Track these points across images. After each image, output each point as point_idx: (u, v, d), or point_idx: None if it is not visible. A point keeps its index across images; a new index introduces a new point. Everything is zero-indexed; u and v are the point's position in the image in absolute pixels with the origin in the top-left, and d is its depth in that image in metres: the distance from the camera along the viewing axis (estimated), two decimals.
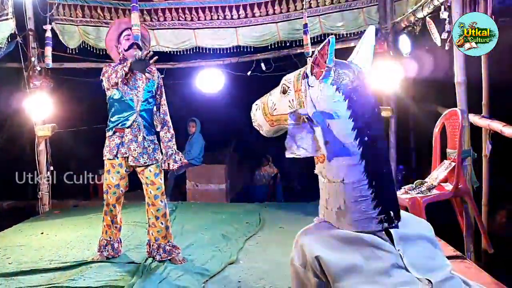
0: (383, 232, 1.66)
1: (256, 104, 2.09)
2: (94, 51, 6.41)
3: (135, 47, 3.82)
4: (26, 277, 3.54)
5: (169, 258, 3.84)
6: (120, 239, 4.05)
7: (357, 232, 1.66)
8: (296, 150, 1.71)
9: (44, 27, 5.89)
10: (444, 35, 3.86)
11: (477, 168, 3.90)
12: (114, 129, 3.79)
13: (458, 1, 3.65)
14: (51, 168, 6.30)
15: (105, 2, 6.38)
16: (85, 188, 7.54)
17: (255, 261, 3.91)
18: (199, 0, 6.37)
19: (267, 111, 1.98)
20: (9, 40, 5.90)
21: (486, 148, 3.88)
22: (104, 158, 3.85)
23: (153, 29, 6.37)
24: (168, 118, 3.97)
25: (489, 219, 3.97)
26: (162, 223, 3.84)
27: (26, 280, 3.49)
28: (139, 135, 3.78)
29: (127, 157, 3.77)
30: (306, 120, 1.71)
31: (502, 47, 3.33)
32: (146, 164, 3.79)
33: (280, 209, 6.02)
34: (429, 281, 1.56)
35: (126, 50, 3.84)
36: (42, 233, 4.97)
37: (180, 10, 6.42)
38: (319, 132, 1.69)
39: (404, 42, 5.27)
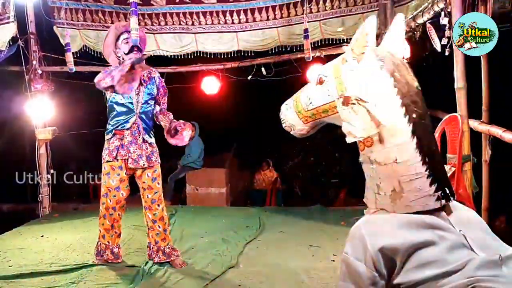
0: (442, 213, 1.62)
1: (286, 104, 2.02)
2: (95, 54, 6.43)
3: (135, 49, 3.82)
4: (26, 280, 3.55)
5: (168, 260, 3.84)
6: (119, 245, 4.02)
7: (415, 212, 1.61)
8: (356, 132, 1.69)
9: (64, 33, 5.90)
10: (444, 41, 3.87)
11: (477, 173, 3.91)
12: (113, 132, 3.79)
13: (458, 7, 3.67)
14: (52, 171, 6.30)
15: (106, 6, 6.40)
16: (85, 190, 7.56)
17: (255, 265, 3.92)
18: (200, 4, 6.39)
19: (301, 108, 1.91)
20: (11, 43, 5.93)
21: (486, 153, 3.89)
22: (103, 161, 3.84)
23: (154, 33, 6.40)
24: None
25: (489, 224, 3.96)
26: (159, 226, 3.85)
27: (27, 283, 3.49)
28: (139, 137, 3.79)
29: (127, 160, 3.78)
30: (354, 102, 1.68)
31: (502, 53, 3.34)
32: (145, 166, 3.79)
33: (280, 213, 6.02)
34: (499, 255, 1.48)
35: (126, 54, 3.82)
36: (42, 236, 4.97)
37: (181, 15, 6.43)
38: (367, 112, 1.67)
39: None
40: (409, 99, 1.63)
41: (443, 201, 1.61)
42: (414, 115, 1.62)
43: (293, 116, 1.95)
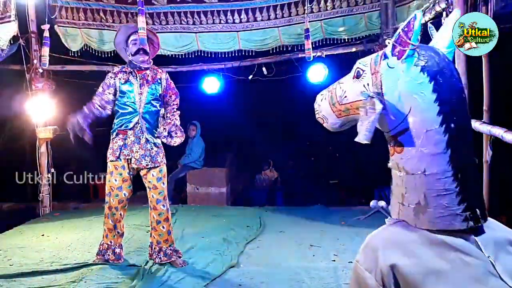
0: (471, 236, 1.48)
1: (322, 94, 1.87)
2: (97, 53, 6.44)
3: (141, 52, 3.86)
4: (27, 279, 3.54)
5: (169, 261, 3.84)
6: (121, 245, 4.02)
7: (438, 230, 1.49)
8: (365, 135, 1.58)
9: (42, 27, 5.92)
10: None
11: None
12: (117, 131, 3.84)
13: (460, 7, 3.67)
14: (52, 170, 6.31)
15: (107, 5, 6.41)
16: (85, 189, 7.55)
17: (256, 264, 3.92)
18: (201, 4, 6.39)
19: (335, 100, 1.77)
20: (12, 42, 5.93)
21: (487, 154, 3.88)
22: (107, 160, 3.88)
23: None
24: (178, 122, 3.95)
25: None
26: (163, 227, 3.85)
27: (27, 281, 3.49)
28: (142, 137, 3.81)
29: (130, 159, 3.80)
30: (379, 102, 1.56)
31: (503, 53, 3.34)
32: (149, 166, 3.81)
33: (280, 213, 6.02)
34: None
35: (133, 55, 3.88)
36: (42, 235, 4.97)
37: (182, 14, 6.44)
38: (391, 116, 1.56)
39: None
40: (449, 107, 1.50)
41: (471, 223, 1.48)
42: (452, 125, 1.49)
43: (327, 108, 1.83)
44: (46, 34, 5.87)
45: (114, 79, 3.87)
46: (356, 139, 1.63)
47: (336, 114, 1.79)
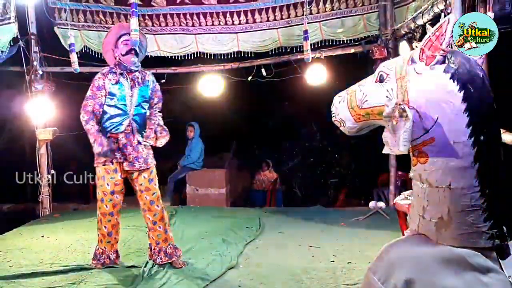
0: (494, 254, 1.41)
1: (340, 96, 1.77)
2: (96, 55, 6.45)
3: (132, 53, 3.76)
4: (27, 280, 3.55)
5: (169, 261, 3.84)
6: (117, 251, 3.97)
7: (461, 247, 1.40)
8: (395, 146, 1.50)
9: (68, 33, 5.92)
10: None
11: None
12: (108, 134, 3.71)
13: (458, 8, 3.69)
14: (52, 171, 6.31)
15: (106, 7, 6.43)
16: (85, 190, 7.56)
17: (255, 265, 3.92)
18: (200, 5, 6.41)
19: (354, 104, 1.67)
20: (11, 44, 5.94)
21: None
22: (95, 164, 3.78)
23: (154, 34, 6.41)
24: (162, 122, 3.91)
25: None
26: (160, 227, 3.84)
27: (27, 283, 3.50)
28: (133, 139, 3.74)
29: (122, 162, 3.73)
30: (405, 111, 1.46)
31: (501, 54, 3.35)
32: (142, 168, 3.75)
33: (279, 214, 6.03)
34: None
35: (123, 55, 3.77)
36: (42, 236, 4.97)
37: (181, 16, 6.47)
38: (419, 126, 1.47)
39: (404, 48, 5.30)
40: (479, 118, 1.42)
41: (497, 241, 1.42)
42: (481, 137, 1.41)
43: (345, 111, 1.74)
44: (72, 40, 5.83)
45: (104, 80, 3.74)
46: (386, 151, 1.56)
47: (355, 118, 1.71)
